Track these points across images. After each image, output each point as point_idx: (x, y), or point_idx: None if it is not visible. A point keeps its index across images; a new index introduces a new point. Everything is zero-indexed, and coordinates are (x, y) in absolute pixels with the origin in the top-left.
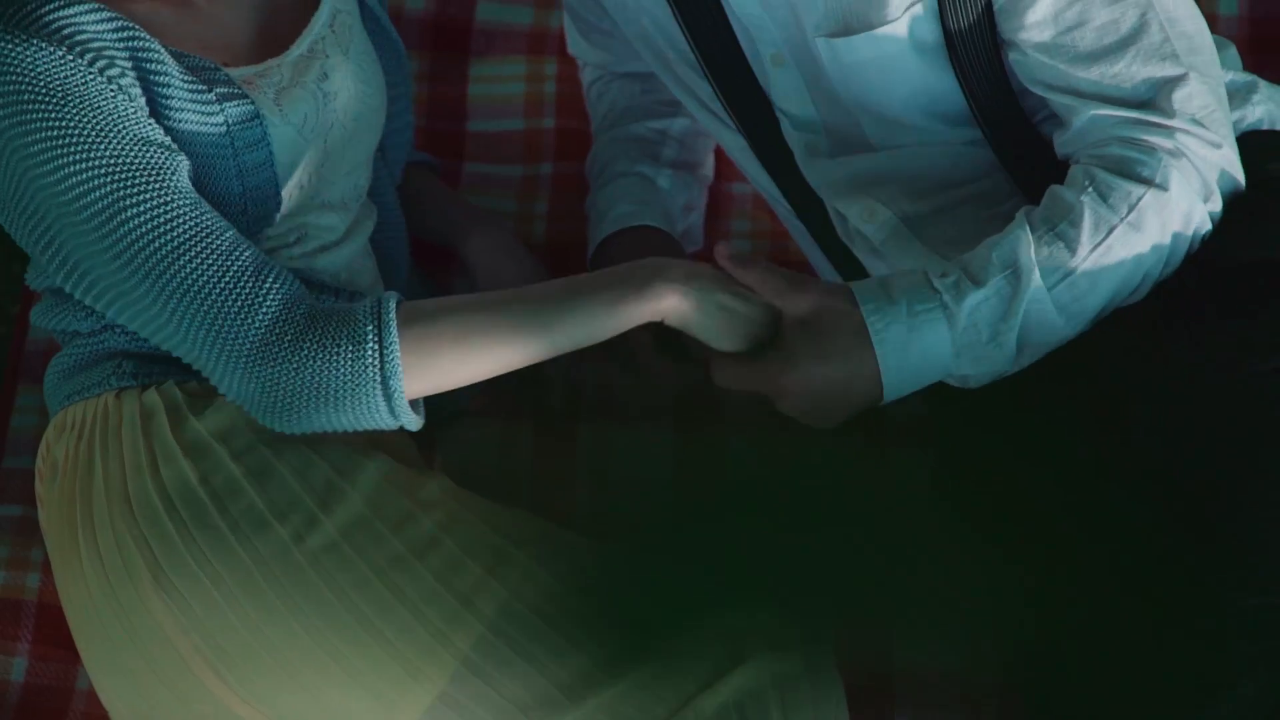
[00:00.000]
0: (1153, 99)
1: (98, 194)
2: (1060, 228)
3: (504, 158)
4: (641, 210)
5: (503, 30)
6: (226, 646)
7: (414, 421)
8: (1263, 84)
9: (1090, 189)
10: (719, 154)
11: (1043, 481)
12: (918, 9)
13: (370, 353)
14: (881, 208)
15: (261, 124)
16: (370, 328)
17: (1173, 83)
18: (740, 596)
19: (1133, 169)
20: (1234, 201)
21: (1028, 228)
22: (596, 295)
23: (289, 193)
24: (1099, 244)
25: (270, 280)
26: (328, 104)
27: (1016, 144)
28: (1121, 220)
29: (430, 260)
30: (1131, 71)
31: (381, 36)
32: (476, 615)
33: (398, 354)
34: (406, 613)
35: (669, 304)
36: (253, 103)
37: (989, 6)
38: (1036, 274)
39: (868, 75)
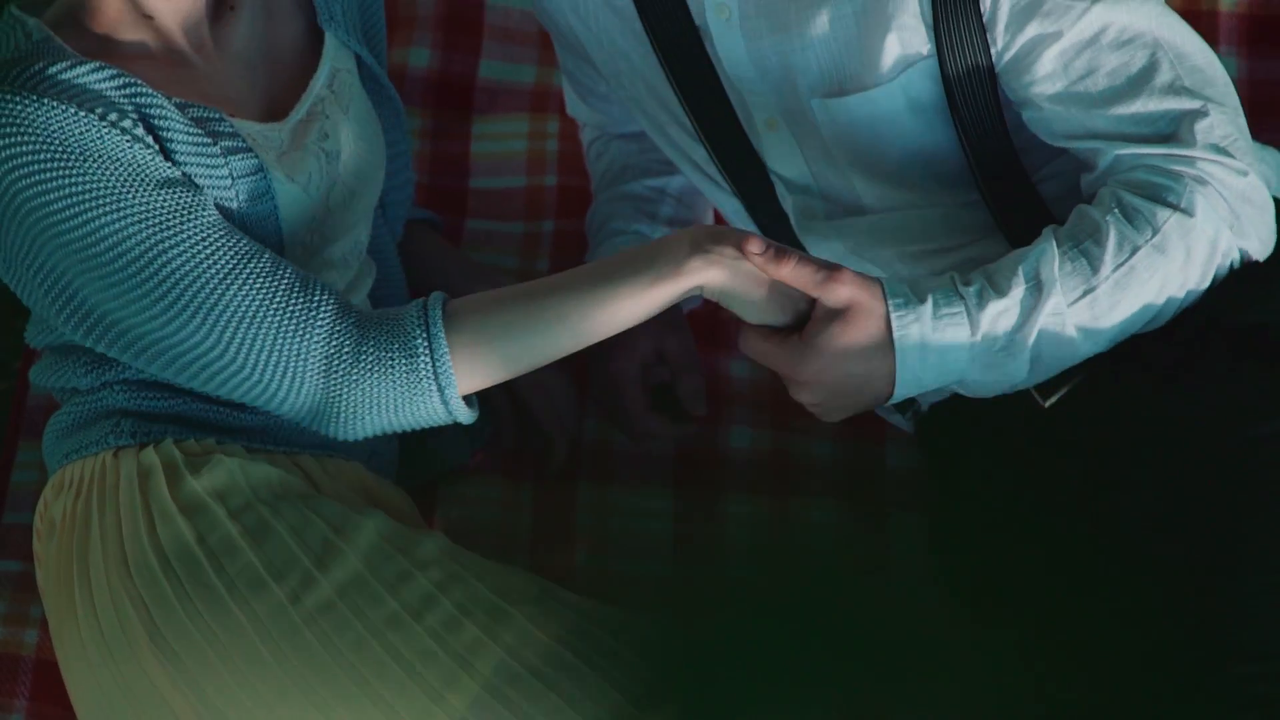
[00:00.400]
0: (1174, 132)
1: (133, 242)
2: (1085, 245)
3: (506, 215)
4: None
5: (505, 88)
6: (222, 706)
7: (468, 416)
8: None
9: (1116, 209)
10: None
11: (1039, 545)
12: (916, 69)
13: (424, 364)
14: (877, 270)
15: (266, 178)
16: (421, 339)
17: (1192, 115)
18: (738, 670)
19: (1159, 193)
20: (1244, 264)
21: (1054, 242)
22: (637, 276)
23: (291, 249)
24: (1122, 264)
25: (318, 293)
26: (330, 162)
27: (1015, 204)
28: (1146, 242)
29: None
30: (1149, 110)
31: (380, 93)
32: (474, 675)
33: (449, 360)
34: (403, 673)
35: (707, 276)
36: (257, 156)
37: (990, 65)
38: (1058, 288)
39: (863, 135)
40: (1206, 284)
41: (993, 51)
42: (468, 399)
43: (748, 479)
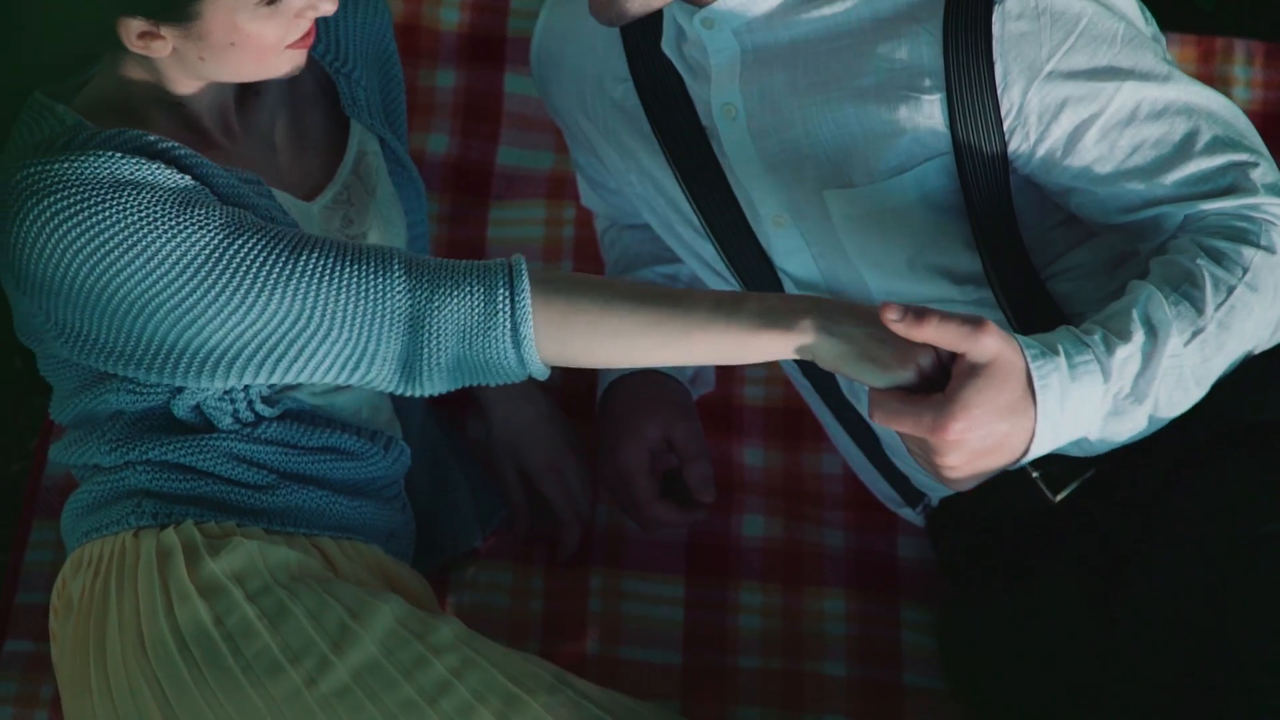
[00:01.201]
0: (1233, 184)
1: (197, 249)
2: (1183, 288)
3: None
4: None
5: (523, 174)
6: None
7: (540, 370)
8: None
9: (1203, 254)
10: None
11: (1045, 641)
12: (932, 164)
13: (501, 299)
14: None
15: None
16: (501, 277)
17: (1245, 166)
18: None
19: (1239, 234)
20: (1248, 363)
21: (1154, 288)
22: (742, 317)
23: None
24: (1222, 304)
25: (386, 250)
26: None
27: (1026, 301)
28: (1239, 281)
29: (443, 400)
30: (1203, 169)
31: (403, 175)
32: None
33: (527, 302)
34: None
35: (818, 344)
36: (297, 224)
37: (1005, 162)
38: (1173, 330)
39: (874, 229)
40: None
41: (1016, 148)
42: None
43: (759, 567)
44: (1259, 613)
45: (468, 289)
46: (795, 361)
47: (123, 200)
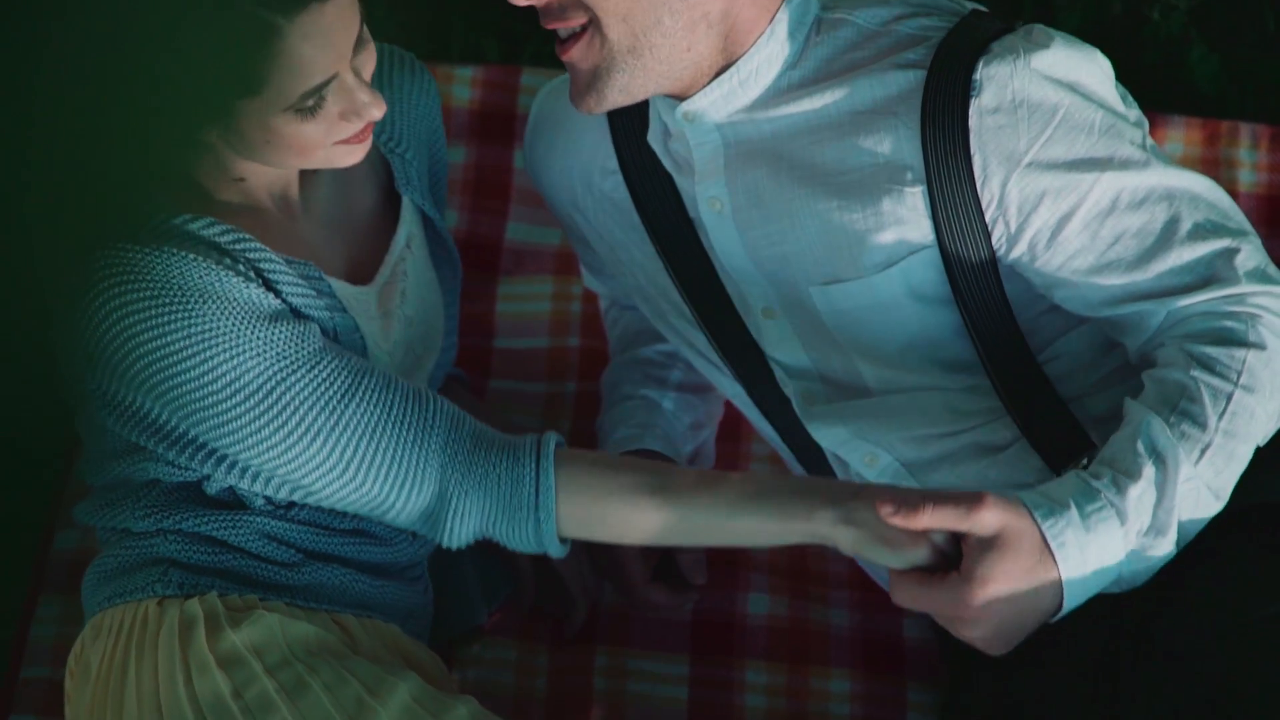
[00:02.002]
0: (1214, 274)
1: (250, 377)
2: (1182, 406)
3: (529, 375)
4: (642, 434)
5: (531, 250)
6: None
7: (559, 550)
8: None
9: (1195, 365)
10: None
11: None
12: (916, 257)
13: (527, 492)
14: (883, 453)
15: (360, 338)
16: (529, 466)
17: (1226, 253)
18: None
19: (1226, 336)
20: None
21: (1152, 413)
22: (762, 513)
23: None
24: (1223, 413)
25: (433, 403)
26: (404, 329)
27: (1022, 385)
28: (1236, 386)
29: None
30: (1185, 259)
31: (443, 254)
32: None
33: (552, 494)
34: None
35: (838, 535)
36: (353, 318)
37: (992, 251)
38: (1180, 454)
39: (864, 321)
40: None
41: (999, 239)
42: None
43: (764, 646)
44: (1262, 697)
45: (495, 480)
46: (791, 449)
47: (190, 309)
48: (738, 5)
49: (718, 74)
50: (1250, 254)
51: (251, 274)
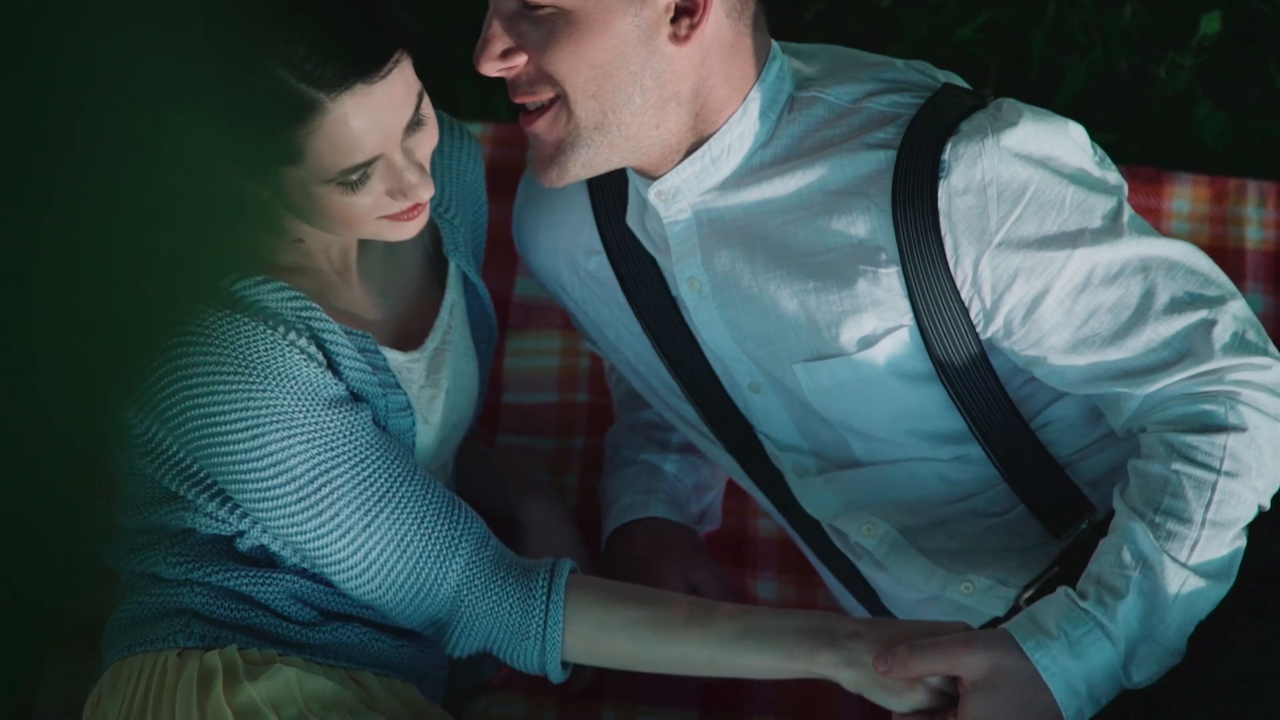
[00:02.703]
0: (1191, 349)
1: (297, 461)
2: (1165, 504)
3: (537, 430)
4: (645, 501)
5: (540, 305)
6: None
7: (559, 676)
8: None
9: (1176, 456)
10: None
11: None
12: (895, 336)
13: (535, 624)
14: (880, 521)
15: (411, 415)
16: (539, 600)
17: (1203, 325)
18: None
19: (1205, 422)
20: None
21: (1136, 517)
22: (763, 652)
23: None
24: (1209, 504)
25: (462, 520)
26: (448, 399)
27: (1017, 454)
28: (1220, 474)
29: None
30: (1161, 335)
31: (481, 317)
32: None
33: (559, 627)
34: None
35: (839, 674)
36: (405, 393)
37: (972, 326)
38: (1167, 559)
39: (848, 397)
40: None
41: (977, 316)
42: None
43: (773, 701)
44: None
45: (507, 608)
46: (787, 520)
47: (251, 383)
48: (709, 84)
49: (689, 151)
50: (1228, 323)
51: (313, 348)
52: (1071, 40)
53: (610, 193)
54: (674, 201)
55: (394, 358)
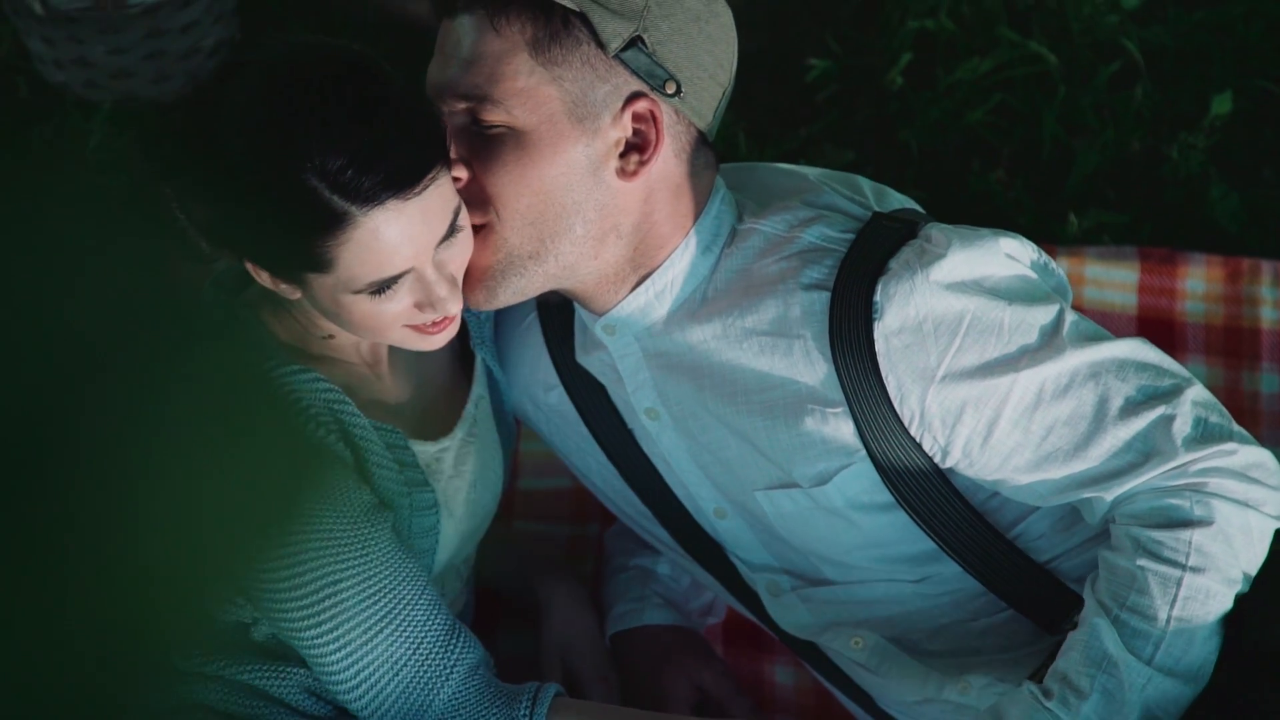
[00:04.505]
0: (1154, 447)
1: (308, 568)
2: (1131, 600)
3: (553, 517)
4: (639, 609)
5: None
6: None
7: None
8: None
9: (1141, 552)
10: None
11: None
12: (849, 471)
13: None
14: (868, 633)
15: (436, 513)
16: (524, 714)
17: (1161, 423)
18: None
19: (1171, 517)
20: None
21: (1103, 614)
22: None
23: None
24: (1174, 600)
25: (458, 648)
26: (470, 492)
27: (994, 563)
28: (1185, 570)
29: (475, 620)
30: (1121, 439)
31: (503, 413)
32: None
33: None
34: None
35: None
36: (433, 490)
37: (927, 456)
38: (1130, 659)
39: (811, 524)
40: (1260, 561)
41: (932, 449)
42: None
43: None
44: None
45: None
46: (778, 635)
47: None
48: (652, 220)
49: (631, 283)
50: (1187, 413)
51: (342, 444)
52: (1083, 122)
53: (560, 327)
54: (620, 334)
55: (422, 451)
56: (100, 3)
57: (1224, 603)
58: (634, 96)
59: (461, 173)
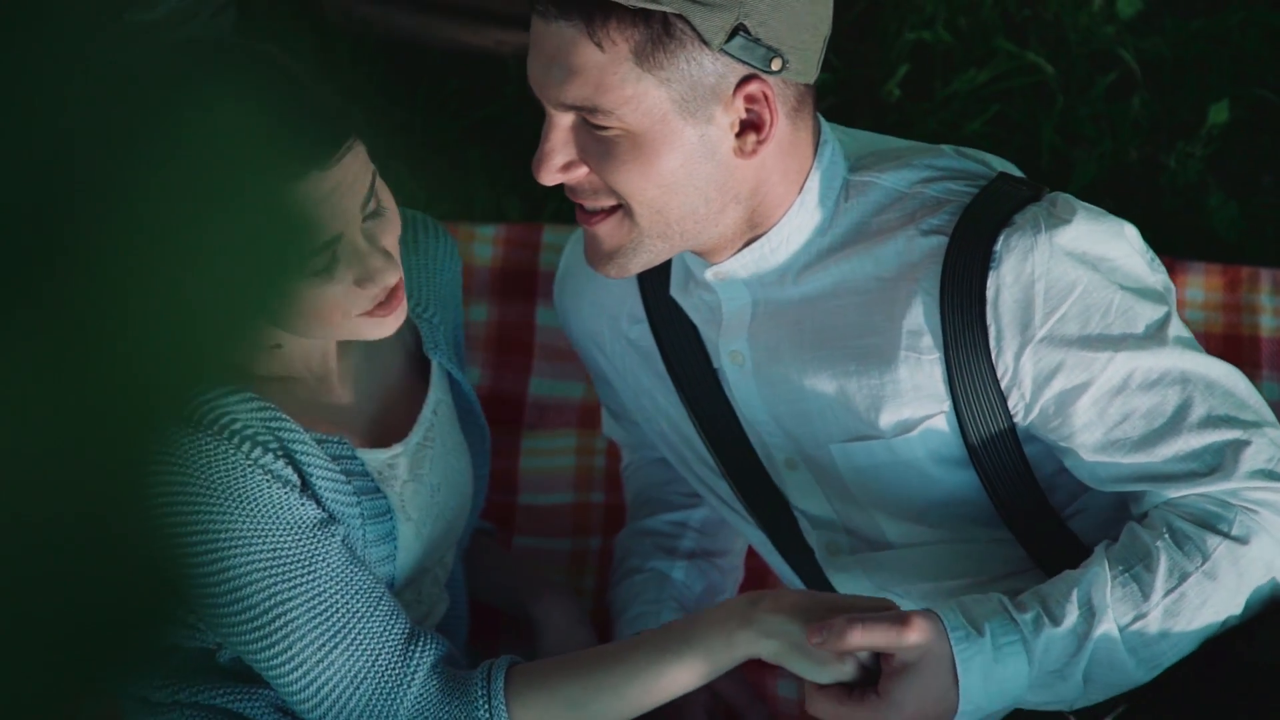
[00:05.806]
0: (1219, 464)
1: (254, 589)
2: (1135, 570)
3: (554, 531)
4: (655, 610)
5: (555, 404)
6: None
7: None
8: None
9: (1167, 534)
10: None
11: None
12: (934, 423)
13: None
14: (910, 604)
15: (392, 519)
16: (482, 708)
17: (1235, 445)
18: None
19: (1210, 520)
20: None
21: (1106, 565)
22: (690, 652)
23: (399, 590)
24: (1172, 590)
25: (417, 654)
26: (433, 496)
27: (1047, 542)
28: (1196, 569)
29: (475, 629)
30: (1191, 447)
31: (469, 418)
32: None
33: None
34: None
35: (759, 648)
36: (385, 496)
37: (1009, 417)
38: (1110, 615)
39: (885, 479)
40: (1260, 604)
41: (1015, 406)
42: None
43: None
44: None
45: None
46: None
47: (213, 508)
48: (768, 182)
49: (748, 241)
50: (1262, 446)
51: (281, 463)
52: (1081, 132)
53: (655, 265)
54: (732, 280)
55: (372, 458)
56: None
57: (1213, 617)
58: (744, 81)
59: (579, 170)
